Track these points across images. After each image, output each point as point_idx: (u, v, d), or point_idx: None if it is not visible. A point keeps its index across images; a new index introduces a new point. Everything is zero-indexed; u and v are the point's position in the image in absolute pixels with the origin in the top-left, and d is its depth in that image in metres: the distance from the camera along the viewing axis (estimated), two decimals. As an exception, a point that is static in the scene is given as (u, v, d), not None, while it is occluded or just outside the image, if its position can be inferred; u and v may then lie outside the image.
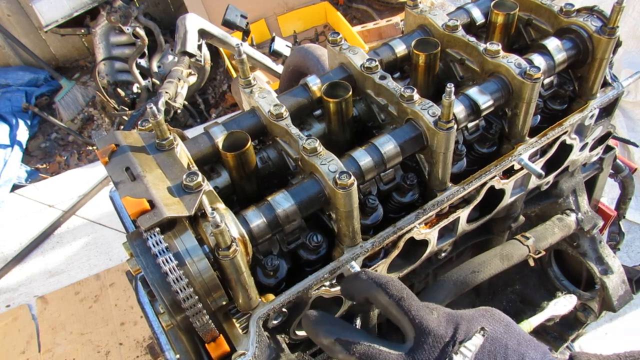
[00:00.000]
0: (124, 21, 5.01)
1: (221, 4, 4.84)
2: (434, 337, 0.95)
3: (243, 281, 1.05)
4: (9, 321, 3.69)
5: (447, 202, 1.35)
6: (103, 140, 1.16)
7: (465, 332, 0.95)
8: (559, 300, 1.46)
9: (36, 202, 4.50)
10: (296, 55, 2.60)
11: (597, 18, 1.44)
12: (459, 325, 0.97)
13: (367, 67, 1.36)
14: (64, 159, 5.47)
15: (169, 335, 1.30)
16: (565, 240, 1.90)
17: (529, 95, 1.31)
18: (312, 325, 1.04)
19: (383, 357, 0.95)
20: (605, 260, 1.90)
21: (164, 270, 0.95)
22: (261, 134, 1.35)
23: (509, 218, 1.69)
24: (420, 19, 1.53)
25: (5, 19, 5.62)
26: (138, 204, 0.99)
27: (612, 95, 1.58)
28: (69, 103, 5.71)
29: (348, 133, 1.37)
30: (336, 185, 1.09)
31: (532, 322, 1.34)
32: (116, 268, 3.91)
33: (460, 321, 0.98)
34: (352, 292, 1.09)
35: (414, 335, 0.96)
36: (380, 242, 1.28)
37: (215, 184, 1.28)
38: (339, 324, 1.04)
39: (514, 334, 0.97)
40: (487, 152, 1.47)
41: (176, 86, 4.37)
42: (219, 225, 0.92)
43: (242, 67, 1.33)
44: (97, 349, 3.47)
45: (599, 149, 1.77)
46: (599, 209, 2.09)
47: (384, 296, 1.00)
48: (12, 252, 4.15)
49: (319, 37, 5.92)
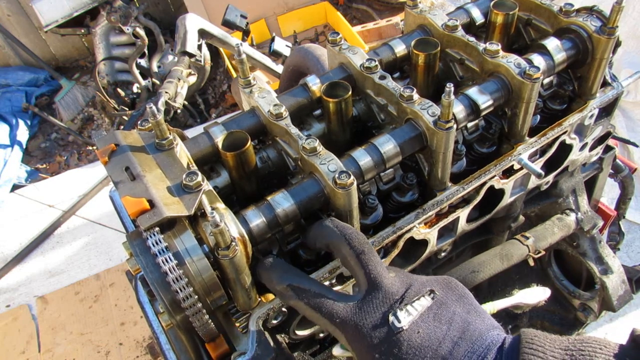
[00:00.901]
0: (124, 21, 5.01)
1: (221, 4, 4.84)
2: (384, 293, 0.96)
3: (243, 281, 1.05)
4: (9, 321, 3.69)
5: (447, 201, 1.35)
6: (103, 140, 1.16)
7: (415, 293, 0.97)
8: (531, 290, 1.46)
9: (36, 202, 4.51)
10: (296, 55, 2.60)
11: (597, 18, 1.45)
12: (411, 286, 0.99)
13: (367, 67, 1.37)
14: (64, 159, 5.47)
15: (169, 334, 1.30)
16: (565, 240, 1.91)
17: (529, 95, 1.31)
18: (266, 271, 1.08)
19: (331, 306, 0.98)
20: (605, 260, 1.91)
21: (164, 269, 0.95)
22: (261, 134, 1.35)
23: (509, 218, 1.69)
24: (420, 19, 1.53)
25: (5, 19, 5.62)
26: (138, 203, 0.99)
27: (612, 95, 1.58)
28: (69, 103, 5.71)
29: (348, 133, 1.37)
30: (336, 185, 1.09)
31: (496, 305, 1.34)
32: (116, 268, 3.91)
33: (413, 283, 1.00)
34: (315, 238, 1.11)
35: (365, 289, 0.99)
36: (379, 242, 1.28)
37: (215, 183, 1.28)
38: (293, 271, 1.07)
39: (465, 304, 0.98)
40: (486, 152, 1.47)
41: (176, 86, 4.36)
42: (218, 224, 0.92)
43: (242, 67, 1.33)
44: (97, 349, 3.47)
45: (598, 149, 1.77)
46: (598, 209, 2.09)
47: (346, 247, 1.02)
48: (12, 252, 4.15)
49: (319, 37, 5.92)
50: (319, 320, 1.00)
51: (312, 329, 1.35)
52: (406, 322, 0.92)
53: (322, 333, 1.42)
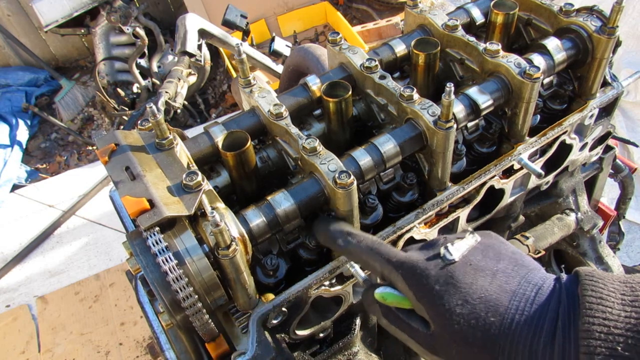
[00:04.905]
0: (124, 21, 5.01)
1: (221, 4, 4.83)
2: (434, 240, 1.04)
3: (243, 280, 1.05)
4: (9, 321, 3.69)
5: (447, 201, 1.35)
6: (103, 140, 1.16)
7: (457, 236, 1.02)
8: None
9: (36, 202, 4.50)
10: (296, 55, 2.60)
11: (597, 18, 1.45)
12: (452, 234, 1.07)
13: (367, 67, 1.37)
14: (64, 159, 5.47)
15: (169, 334, 1.31)
16: (565, 240, 1.91)
17: (529, 95, 1.31)
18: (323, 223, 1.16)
19: (388, 249, 1.04)
20: (605, 260, 1.91)
21: (164, 269, 0.95)
22: (261, 134, 1.35)
23: (509, 218, 1.69)
24: (420, 18, 1.53)
25: (5, 19, 5.61)
26: (138, 203, 0.99)
27: (612, 95, 1.58)
28: (69, 103, 5.71)
29: (348, 133, 1.37)
30: (336, 184, 1.09)
31: None
32: (116, 268, 3.90)
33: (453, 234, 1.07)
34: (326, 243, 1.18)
35: None
36: (380, 242, 1.28)
37: (215, 183, 1.28)
38: (348, 225, 1.15)
39: (508, 246, 1.02)
40: (486, 151, 1.47)
41: (176, 86, 4.36)
42: (218, 224, 0.92)
43: (242, 67, 1.33)
44: (97, 349, 3.47)
45: (598, 149, 1.77)
46: (598, 209, 2.09)
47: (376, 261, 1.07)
48: (12, 252, 4.15)
49: (319, 37, 5.92)
50: (375, 263, 1.03)
51: (312, 329, 1.35)
52: (457, 255, 0.96)
53: (322, 333, 1.42)
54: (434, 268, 0.95)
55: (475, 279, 0.92)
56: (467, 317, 0.89)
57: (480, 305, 0.89)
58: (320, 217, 1.19)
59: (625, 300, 0.81)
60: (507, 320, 0.86)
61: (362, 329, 1.51)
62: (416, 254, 1.00)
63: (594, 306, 0.81)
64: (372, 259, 1.04)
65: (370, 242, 1.06)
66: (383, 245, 1.05)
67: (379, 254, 1.03)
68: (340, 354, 1.46)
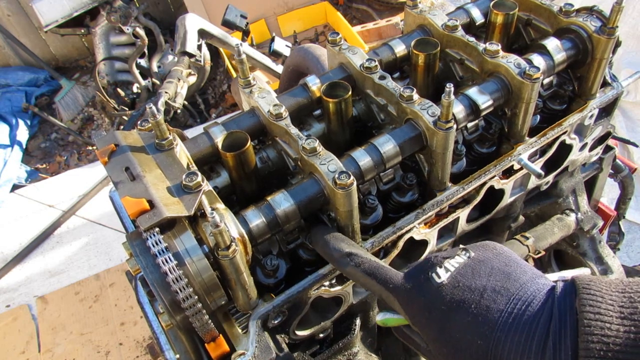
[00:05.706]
0: (124, 21, 5.01)
1: (221, 4, 4.83)
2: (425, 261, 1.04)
3: (242, 281, 1.05)
4: (9, 321, 3.69)
5: (447, 202, 1.35)
6: (103, 140, 1.16)
7: (449, 255, 1.03)
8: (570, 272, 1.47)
9: (36, 202, 4.50)
10: (296, 55, 2.60)
11: (597, 18, 1.44)
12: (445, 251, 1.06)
13: (367, 67, 1.36)
14: (64, 159, 5.47)
15: (169, 335, 1.30)
16: (565, 240, 1.91)
17: (529, 95, 1.31)
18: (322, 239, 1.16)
19: (385, 273, 1.05)
20: (605, 260, 1.91)
21: (164, 270, 0.95)
22: (261, 134, 1.35)
23: (509, 218, 1.69)
24: (420, 19, 1.53)
25: (5, 19, 5.61)
26: (137, 203, 0.99)
27: (612, 95, 1.58)
28: (69, 103, 5.71)
29: (347, 133, 1.37)
30: (336, 185, 1.09)
31: None
32: (116, 268, 3.90)
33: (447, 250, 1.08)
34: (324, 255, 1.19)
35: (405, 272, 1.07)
36: (379, 242, 1.28)
37: (214, 184, 1.28)
38: (349, 241, 1.16)
39: (503, 258, 1.01)
40: (486, 152, 1.47)
41: (176, 86, 4.36)
42: (218, 225, 0.92)
43: (242, 67, 1.33)
44: (97, 349, 3.47)
45: (598, 149, 1.77)
46: (598, 209, 2.09)
47: None
48: (12, 252, 4.15)
49: (319, 37, 5.92)
50: (374, 287, 1.06)
51: (312, 329, 1.35)
52: (445, 277, 0.97)
53: (322, 333, 1.42)
54: (426, 293, 0.97)
55: (463, 302, 0.93)
56: (456, 341, 0.91)
57: (467, 329, 0.90)
58: (319, 228, 1.20)
59: (623, 312, 0.80)
60: (493, 342, 0.87)
61: (362, 329, 1.51)
62: (411, 279, 1.02)
63: (592, 322, 0.80)
64: (371, 283, 1.07)
65: (368, 266, 1.08)
66: (380, 269, 1.06)
67: (376, 279, 1.05)
68: (340, 354, 1.46)
